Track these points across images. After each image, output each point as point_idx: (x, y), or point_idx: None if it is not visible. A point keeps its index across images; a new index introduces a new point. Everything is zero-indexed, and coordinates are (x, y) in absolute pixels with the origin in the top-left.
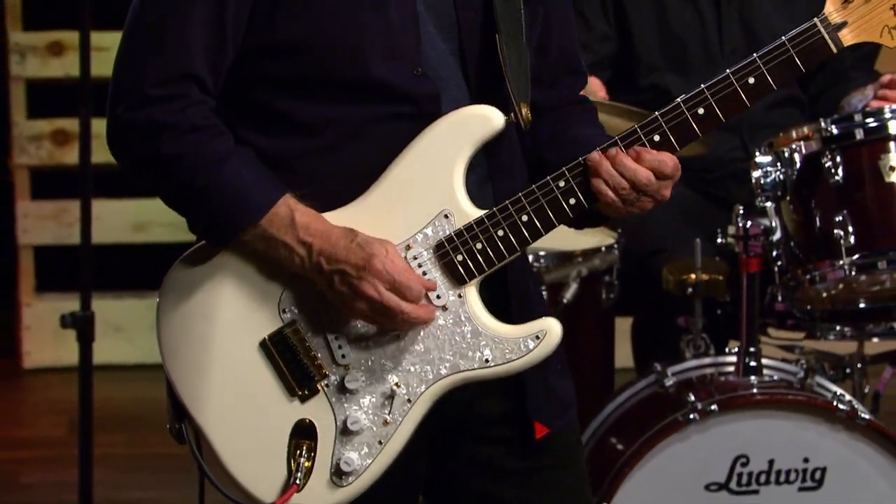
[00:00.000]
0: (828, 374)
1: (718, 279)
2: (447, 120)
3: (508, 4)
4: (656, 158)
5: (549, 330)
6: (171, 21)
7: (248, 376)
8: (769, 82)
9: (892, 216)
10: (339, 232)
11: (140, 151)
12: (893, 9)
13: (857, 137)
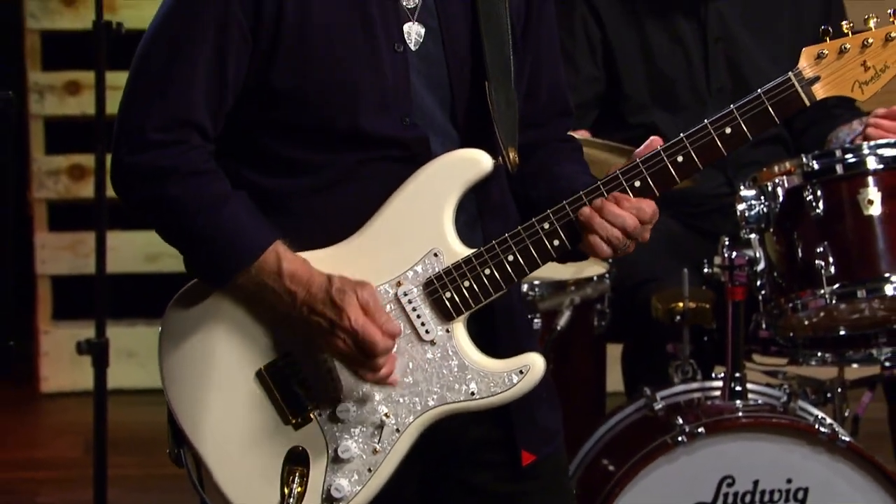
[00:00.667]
0: (810, 398)
1: (705, 307)
2: (438, 162)
3: (498, 53)
4: (635, 206)
5: (533, 365)
6: (174, 68)
7: (244, 405)
8: (745, 132)
9: (870, 248)
10: (319, 282)
11: (142, 193)
12: (864, 65)
13: (837, 172)
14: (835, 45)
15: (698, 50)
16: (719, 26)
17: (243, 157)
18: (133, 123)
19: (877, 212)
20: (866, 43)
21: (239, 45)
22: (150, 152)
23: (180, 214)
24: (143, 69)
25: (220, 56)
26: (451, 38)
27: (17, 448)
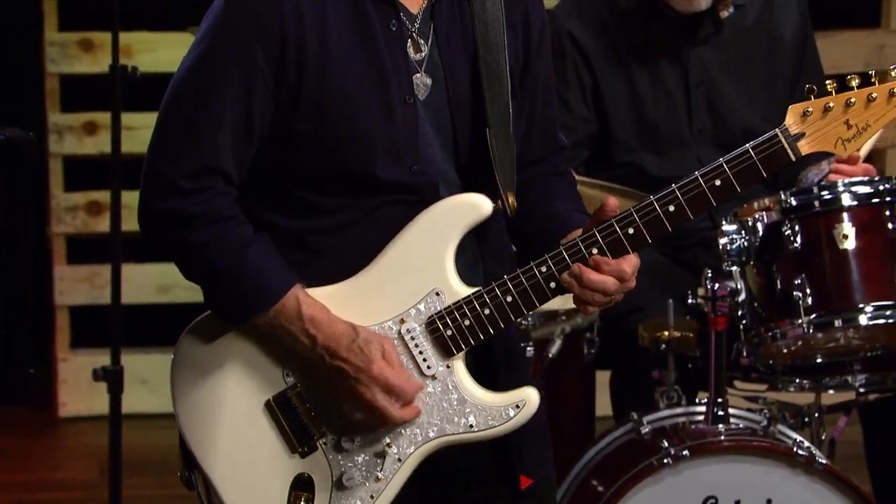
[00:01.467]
0: (788, 422)
1: (689, 336)
2: (441, 205)
3: (497, 100)
4: (615, 270)
5: (528, 400)
6: (202, 117)
7: (254, 432)
8: (734, 185)
9: (845, 279)
10: (342, 328)
11: (169, 237)
12: (847, 123)
13: (814, 208)
14: (820, 104)
15: (681, 94)
16: (700, 72)
17: (262, 198)
18: (162, 170)
19: (851, 246)
20: (849, 102)
21: (263, 95)
22: (177, 199)
23: (204, 258)
24: (172, 116)
25: (246, 105)
26: (455, 87)
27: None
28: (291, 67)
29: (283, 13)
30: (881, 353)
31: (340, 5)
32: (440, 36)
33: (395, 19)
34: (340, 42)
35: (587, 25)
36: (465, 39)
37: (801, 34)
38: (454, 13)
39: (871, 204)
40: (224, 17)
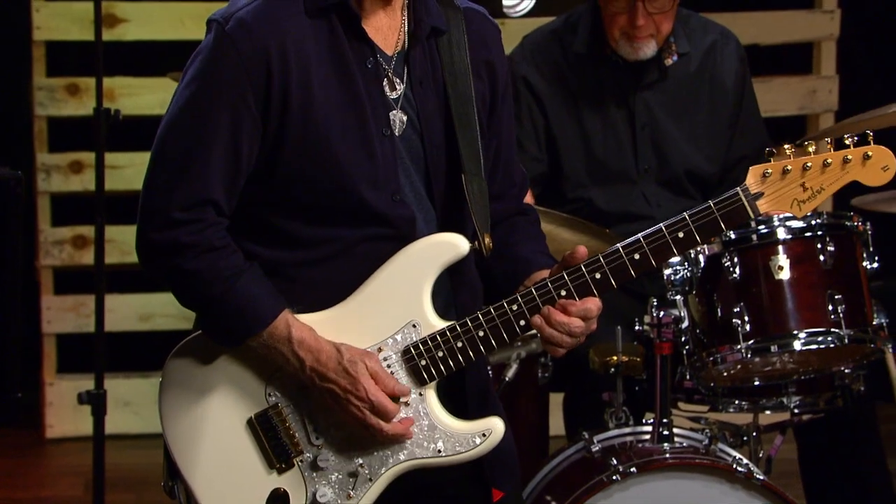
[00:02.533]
0: (728, 441)
1: (636, 361)
2: (420, 243)
3: (470, 146)
4: (581, 309)
5: (494, 429)
6: (194, 153)
7: (235, 447)
8: (696, 238)
9: (780, 308)
10: (329, 350)
11: (166, 266)
12: (803, 186)
13: (752, 241)
14: (779, 166)
15: (628, 135)
16: (646, 114)
17: (250, 231)
18: (157, 203)
19: (786, 276)
20: (806, 167)
21: (251, 132)
22: (172, 229)
23: (198, 285)
24: (165, 153)
25: (235, 142)
26: (428, 128)
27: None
28: (276, 105)
29: (269, 55)
30: (814, 377)
31: (320, 45)
32: (413, 78)
33: (372, 58)
34: (321, 80)
35: (541, 70)
36: (437, 86)
37: (740, 80)
38: (426, 60)
39: (804, 238)
40: (213, 59)
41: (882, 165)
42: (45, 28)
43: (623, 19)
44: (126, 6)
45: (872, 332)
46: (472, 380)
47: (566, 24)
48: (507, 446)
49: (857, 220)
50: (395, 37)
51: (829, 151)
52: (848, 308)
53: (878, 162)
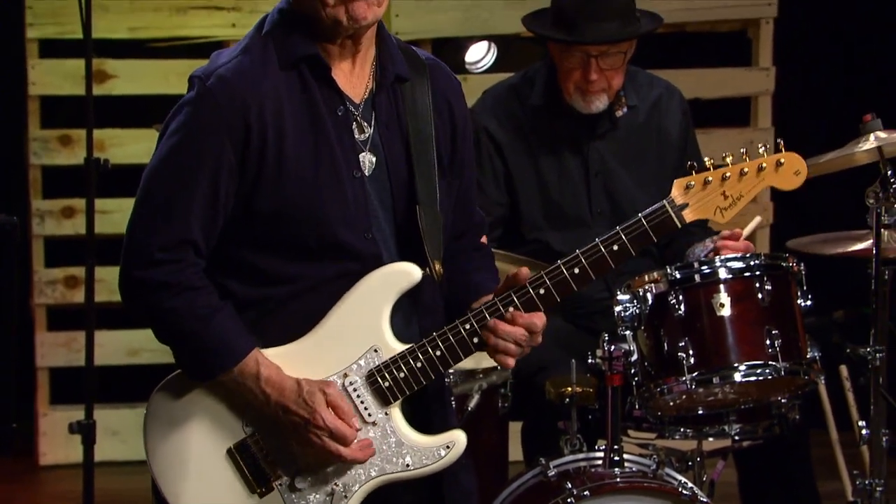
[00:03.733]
0: (674, 466)
1: (589, 391)
2: (377, 273)
3: (426, 179)
4: (527, 321)
5: (457, 441)
6: (176, 199)
7: (217, 475)
8: (629, 249)
9: (722, 342)
10: (291, 385)
11: (146, 303)
12: (723, 194)
13: (695, 281)
14: (700, 178)
15: (582, 181)
16: (598, 162)
17: (228, 268)
18: (141, 243)
19: (727, 313)
20: (725, 176)
21: (229, 179)
22: (154, 269)
23: (175, 322)
24: (149, 198)
25: (214, 188)
26: (394, 167)
27: None
28: (254, 154)
29: (247, 109)
30: (753, 406)
31: (294, 96)
32: (380, 121)
33: (342, 105)
34: (295, 128)
35: (501, 122)
36: (401, 128)
37: (683, 131)
38: (391, 105)
39: (744, 277)
40: (195, 112)
41: (794, 170)
42: (40, 83)
43: (577, 75)
44: (115, 63)
45: (806, 364)
46: (434, 396)
47: (524, 79)
48: (466, 466)
49: (792, 262)
50: (362, 84)
51: (745, 161)
52: (784, 342)
53: (790, 167)
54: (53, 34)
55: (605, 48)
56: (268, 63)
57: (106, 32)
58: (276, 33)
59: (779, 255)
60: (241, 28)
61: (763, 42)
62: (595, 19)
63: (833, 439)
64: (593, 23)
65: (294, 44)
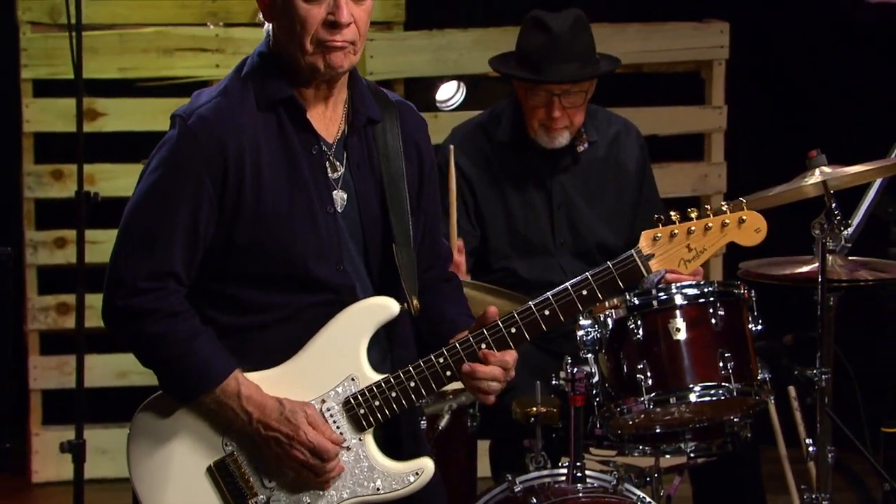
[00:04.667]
0: (633, 481)
1: (553, 411)
2: (357, 306)
3: (400, 219)
4: (499, 360)
5: (426, 468)
6: (158, 231)
7: (197, 493)
8: (598, 295)
9: (678, 365)
10: (272, 404)
11: (130, 329)
12: (688, 247)
13: (653, 307)
14: (667, 231)
15: (546, 213)
16: (561, 195)
17: (208, 298)
18: (124, 274)
19: (683, 337)
20: (690, 230)
21: (208, 213)
22: (137, 297)
23: (159, 346)
24: (132, 230)
25: (194, 221)
26: (365, 205)
27: None
28: (232, 189)
29: (226, 147)
30: (707, 425)
31: (270, 136)
32: (352, 161)
33: (316, 145)
34: (272, 166)
35: (470, 157)
36: (372, 168)
37: (641, 166)
38: (363, 146)
39: (698, 303)
40: (177, 149)
41: (755, 228)
42: (34, 121)
43: (541, 112)
44: (105, 102)
45: (757, 385)
46: (406, 425)
47: (491, 117)
48: (437, 488)
49: (743, 288)
50: (335, 126)
51: (709, 217)
52: (736, 365)
53: (751, 225)
54: (46, 75)
55: (566, 87)
56: (246, 104)
57: (96, 73)
58: (255, 76)
59: (731, 282)
60: (224, 68)
61: (715, 82)
62: (557, 61)
63: (782, 456)
64: (556, 64)
65: (272, 86)
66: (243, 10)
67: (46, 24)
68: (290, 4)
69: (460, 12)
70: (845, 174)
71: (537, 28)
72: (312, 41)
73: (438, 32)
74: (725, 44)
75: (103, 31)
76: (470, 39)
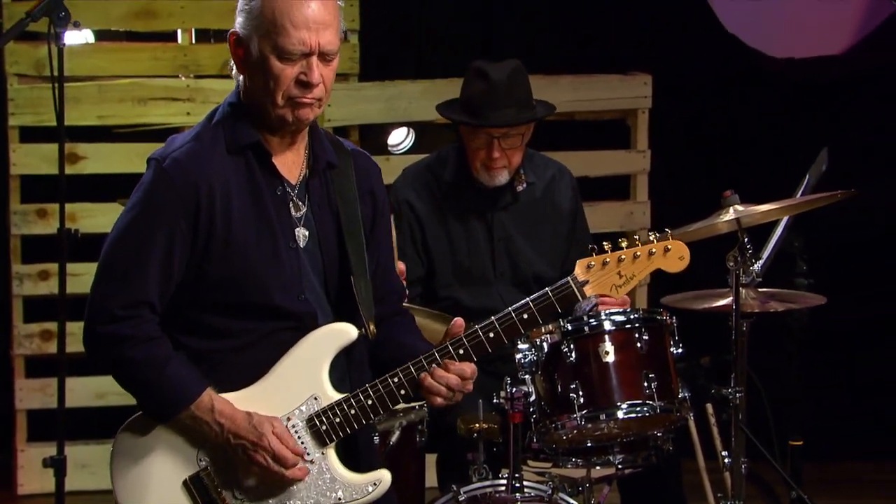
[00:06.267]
0: (567, 491)
1: (494, 427)
2: (319, 331)
3: (357, 253)
4: (458, 369)
5: (383, 479)
6: (134, 264)
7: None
8: (537, 318)
9: (607, 385)
10: (242, 415)
11: (109, 354)
12: (619, 274)
13: (584, 332)
14: (600, 259)
15: (487, 246)
16: (501, 230)
17: (181, 326)
18: (103, 303)
19: (611, 360)
20: (621, 259)
21: (181, 247)
22: (115, 324)
23: (136, 370)
24: (110, 263)
25: (168, 256)
26: (325, 241)
27: None
28: (203, 226)
29: (198, 187)
30: (634, 439)
31: (239, 178)
32: (313, 202)
33: (280, 186)
34: (239, 205)
35: (419, 195)
36: (331, 207)
37: (573, 205)
38: (322, 188)
39: (625, 329)
40: (152, 190)
41: (679, 255)
42: (20, 164)
43: (483, 153)
44: (85, 146)
45: (678, 403)
46: (363, 440)
47: (438, 159)
48: (390, 496)
49: (665, 315)
50: (298, 169)
51: (637, 246)
52: (659, 385)
53: (675, 253)
54: (32, 122)
55: (505, 130)
56: (217, 148)
57: (77, 120)
58: (226, 123)
59: (655, 310)
60: (194, 116)
61: (640, 129)
62: (497, 107)
63: (701, 467)
64: (495, 109)
65: (240, 133)
66: (212, 63)
67: (32, 76)
68: (265, 62)
69: (409, 65)
70: (756, 212)
71: (479, 77)
72: (284, 97)
73: (390, 83)
74: (648, 94)
75: (84, 83)
76: (418, 89)
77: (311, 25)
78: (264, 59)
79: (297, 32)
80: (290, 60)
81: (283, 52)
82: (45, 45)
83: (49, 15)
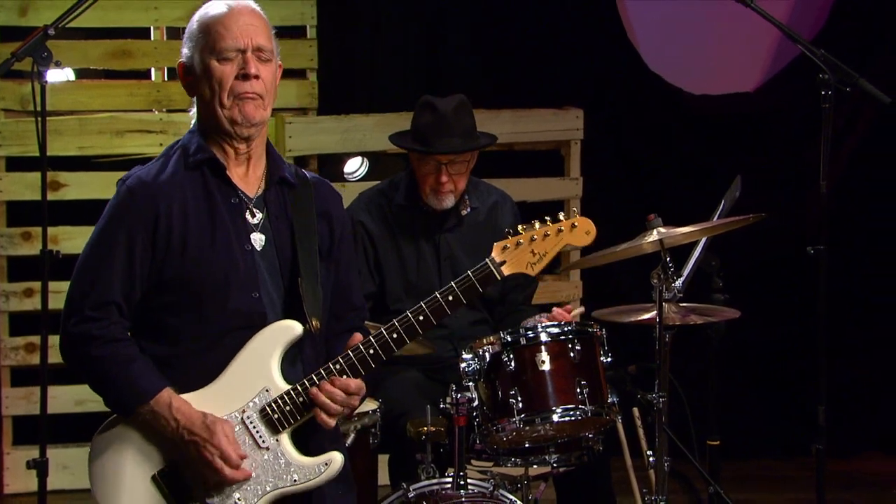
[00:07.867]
0: (507, 488)
1: (441, 430)
2: (267, 329)
3: (308, 262)
4: (342, 385)
5: (334, 459)
6: (102, 269)
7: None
8: (461, 298)
9: (543, 391)
10: (196, 415)
11: (79, 353)
12: (532, 252)
13: (522, 342)
14: (514, 241)
15: (434, 264)
16: (447, 250)
17: (146, 333)
18: (75, 305)
19: (547, 368)
20: (533, 238)
21: (142, 254)
22: (86, 324)
23: (101, 368)
24: (82, 270)
25: (130, 259)
26: (280, 246)
27: None
28: (162, 236)
29: (157, 204)
30: (568, 440)
31: (196, 191)
32: (270, 211)
33: (235, 196)
34: (196, 215)
35: (373, 217)
36: (287, 219)
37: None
38: (280, 201)
39: (560, 340)
40: (117, 205)
41: (585, 230)
42: (7, 191)
43: (431, 178)
44: (66, 175)
45: (608, 407)
46: (315, 426)
47: (390, 184)
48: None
49: (596, 327)
50: (255, 185)
51: (547, 225)
52: (590, 391)
53: (582, 229)
54: (18, 152)
55: (451, 157)
56: (177, 166)
57: (60, 151)
58: (185, 145)
59: (586, 322)
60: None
61: (573, 158)
62: (444, 136)
63: (628, 465)
64: (443, 138)
65: (197, 150)
66: (183, 98)
67: (18, 110)
68: (207, 69)
69: (363, 100)
70: (677, 234)
71: (427, 109)
72: (229, 95)
73: (346, 117)
74: (580, 127)
75: (65, 117)
76: (372, 122)
77: (242, 28)
78: (206, 67)
79: (229, 32)
80: (227, 59)
81: (220, 53)
82: (29, 83)
83: (32, 55)
